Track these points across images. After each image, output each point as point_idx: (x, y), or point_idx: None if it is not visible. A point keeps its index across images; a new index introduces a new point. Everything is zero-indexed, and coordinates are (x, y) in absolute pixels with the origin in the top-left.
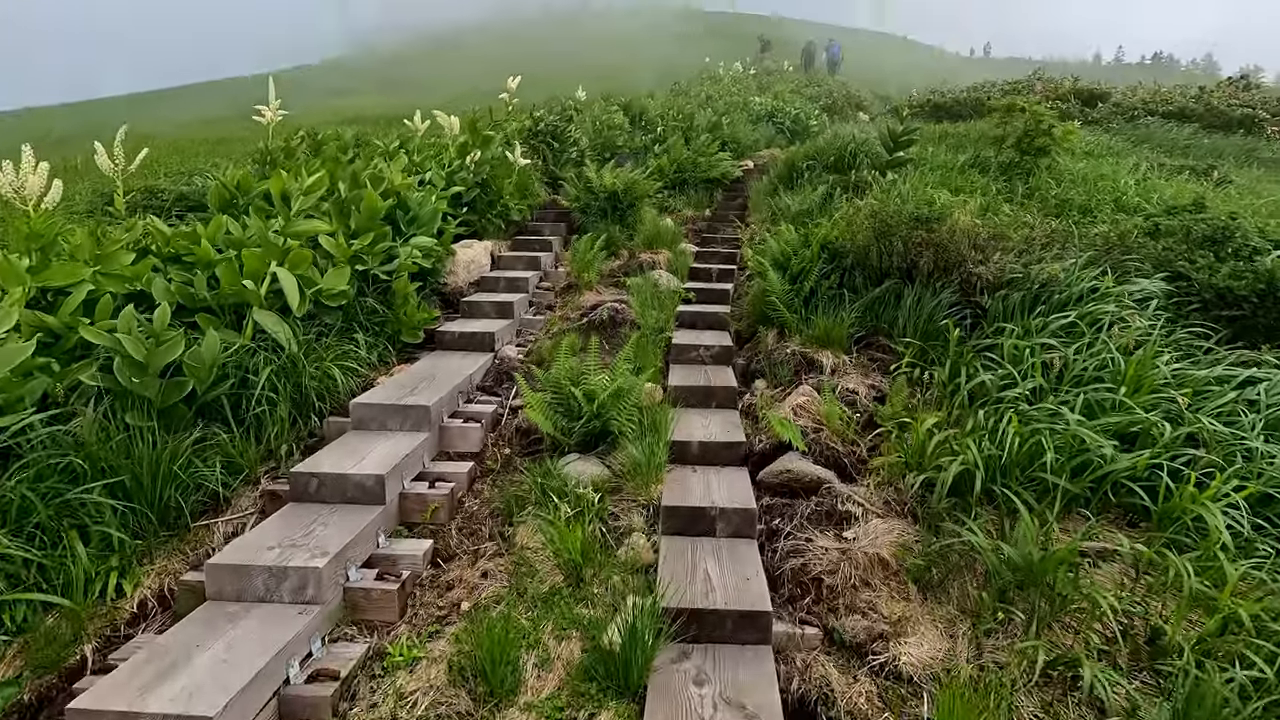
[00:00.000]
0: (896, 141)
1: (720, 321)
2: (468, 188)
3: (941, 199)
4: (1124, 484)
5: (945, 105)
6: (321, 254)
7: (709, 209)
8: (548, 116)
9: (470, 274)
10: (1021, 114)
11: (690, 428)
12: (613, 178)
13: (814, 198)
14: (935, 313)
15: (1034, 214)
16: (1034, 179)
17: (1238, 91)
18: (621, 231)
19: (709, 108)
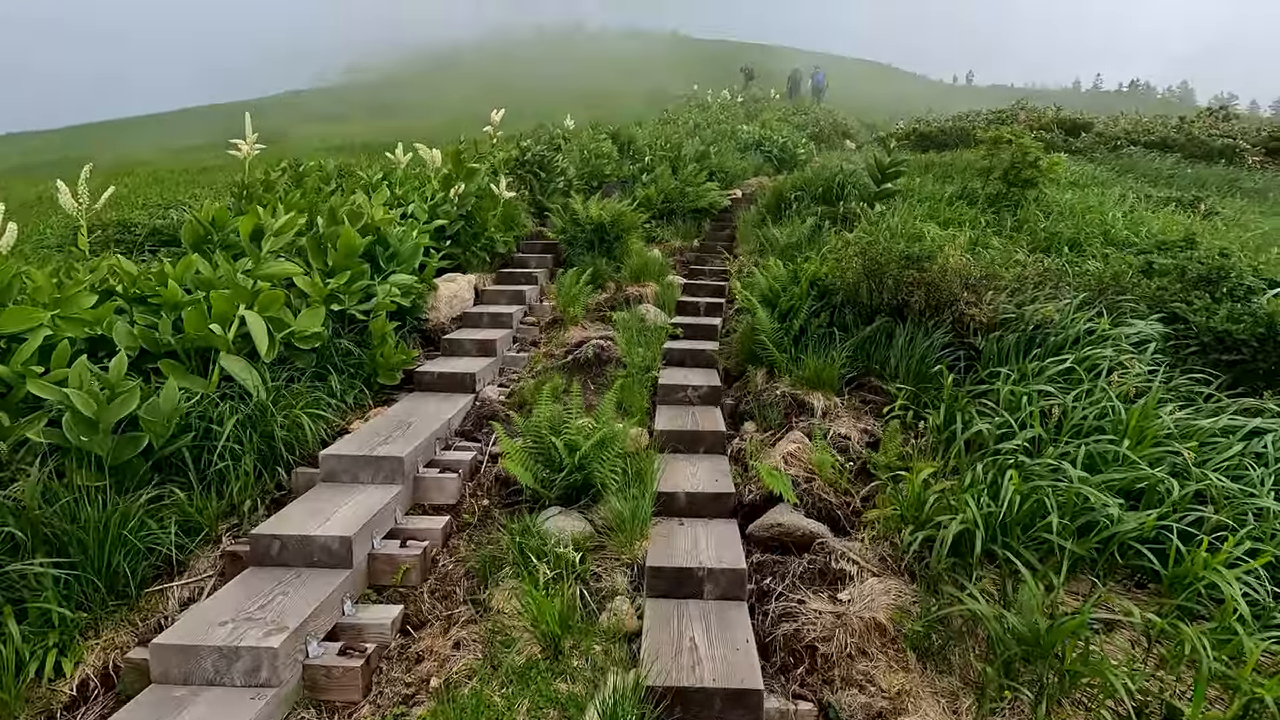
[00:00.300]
0: (884, 173)
1: (708, 359)
2: (451, 220)
3: (930, 232)
4: (1131, 545)
5: (931, 134)
6: (296, 293)
7: (697, 239)
8: (534, 146)
9: (453, 309)
10: (1008, 146)
11: (677, 476)
12: (599, 210)
13: (802, 230)
14: (928, 354)
15: (1023, 247)
16: (1022, 211)
17: (1217, 122)
18: (608, 264)
19: (697, 136)
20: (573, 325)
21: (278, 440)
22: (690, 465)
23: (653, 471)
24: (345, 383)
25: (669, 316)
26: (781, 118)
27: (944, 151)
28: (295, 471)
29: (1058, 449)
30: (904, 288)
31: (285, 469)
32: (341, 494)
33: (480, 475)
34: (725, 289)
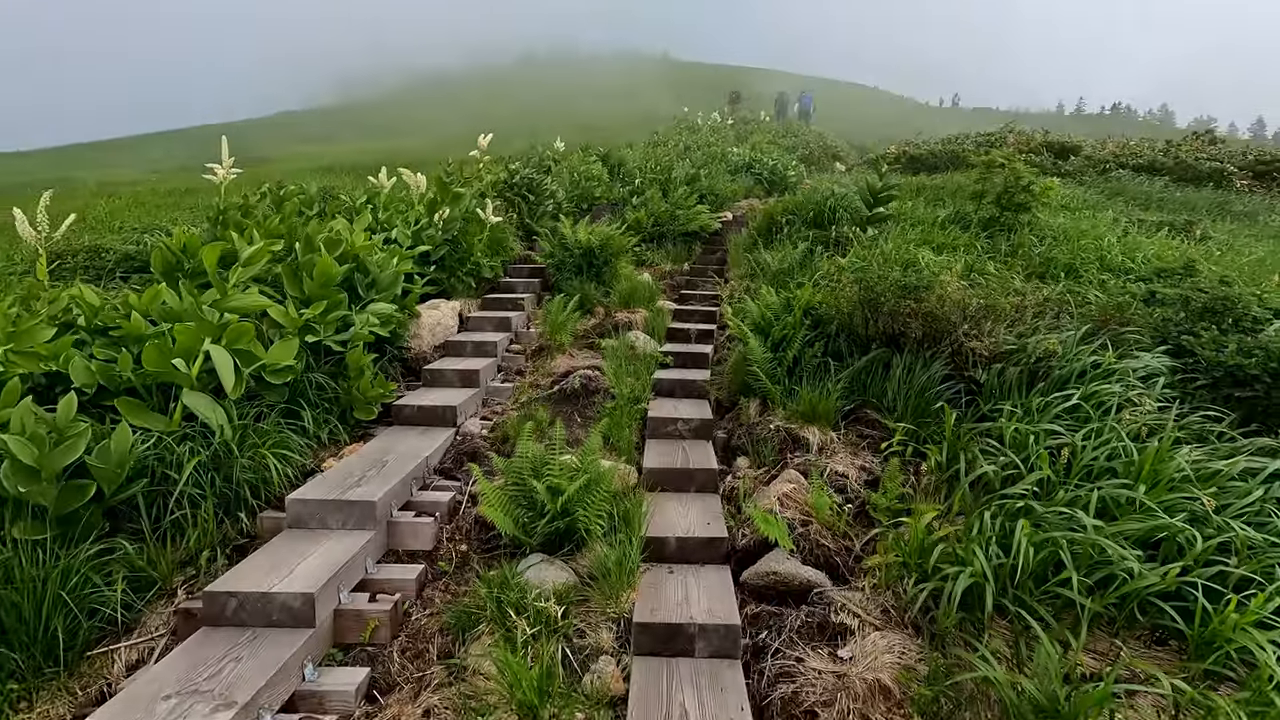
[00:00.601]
0: (876, 197)
1: (699, 390)
2: (436, 246)
3: (924, 258)
4: (1152, 602)
5: (921, 157)
6: (269, 323)
7: (687, 263)
8: (523, 169)
9: (435, 337)
10: (1001, 170)
11: (667, 518)
12: (588, 234)
13: (794, 255)
14: (927, 386)
15: (1018, 273)
16: (1016, 236)
17: (1204, 145)
18: (597, 289)
19: (687, 159)
20: (560, 353)
21: (242, 483)
22: (681, 506)
23: (641, 515)
24: (319, 418)
25: (659, 344)
26: (771, 140)
27: (934, 174)
28: (261, 516)
29: (1068, 493)
30: (901, 318)
31: (251, 515)
32: (308, 542)
33: (459, 517)
34: (716, 314)
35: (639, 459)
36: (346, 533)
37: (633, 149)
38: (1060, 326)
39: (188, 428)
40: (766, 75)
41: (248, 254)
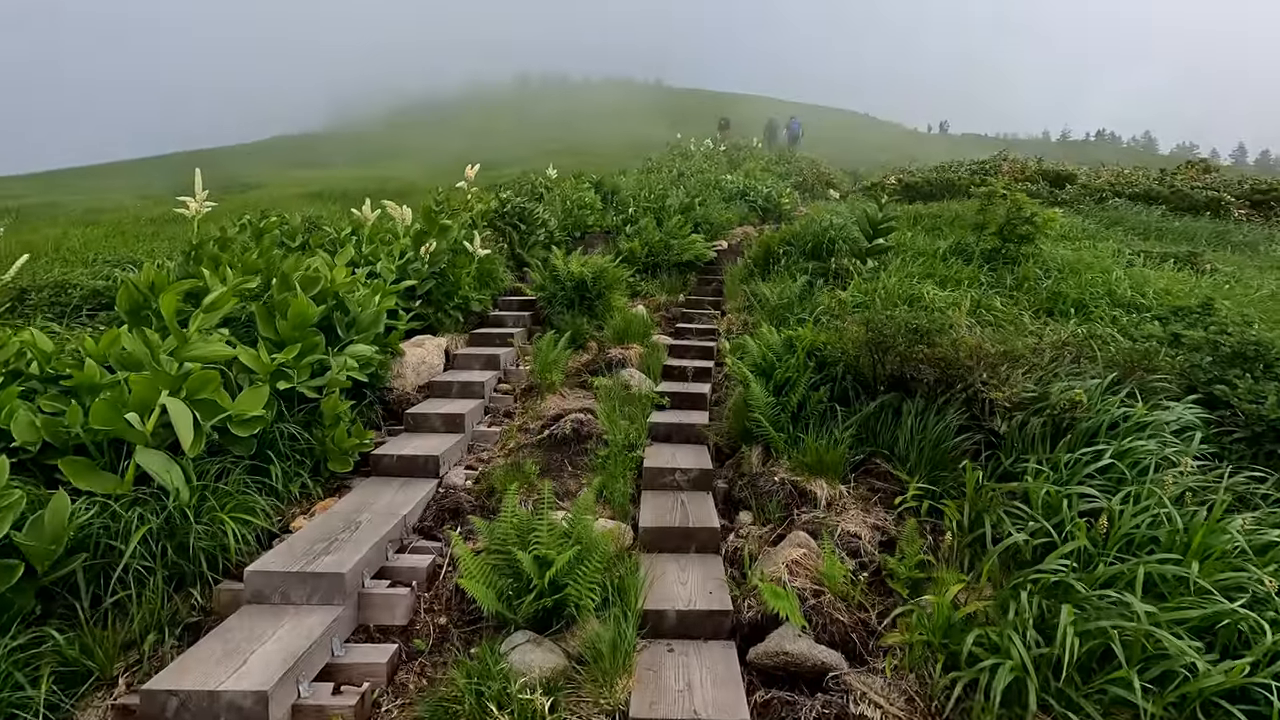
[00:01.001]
0: (876, 228)
1: (697, 435)
2: (422, 280)
3: (929, 293)
4: (1218, 703)
5: (917, 185)
6: (240, 369)
7: (683, 294)
8: (514, 198)
9: (420, 376)
10: (1003, 200)
11: (666, 587)
12: (580, 266)
13: (794, 289)
14: (941, 437)
15: (1026, 308)
16: (1021, 268)
17: (1199, 174)
18: (590, 323)
19: (681, 186)
20: (550, 393)
21: (198, 552)
22: (680, 570)
23: (637, 585)
24: (290, 471)
25: (654, 383)
26: (765, 167)
27: (930, 202)
28: (218, 589)
29: (1109, 567)
30: (912, 363)
31: (207, 586)
32: (268, 621)
33: (439, 584)
34: (714, 350)
35: (635, 514)
36: (312, 609)
37: (626, 175)
38: (1082, 372)
39: (141, 490)
40: (758, 102)
41: (211, 298)
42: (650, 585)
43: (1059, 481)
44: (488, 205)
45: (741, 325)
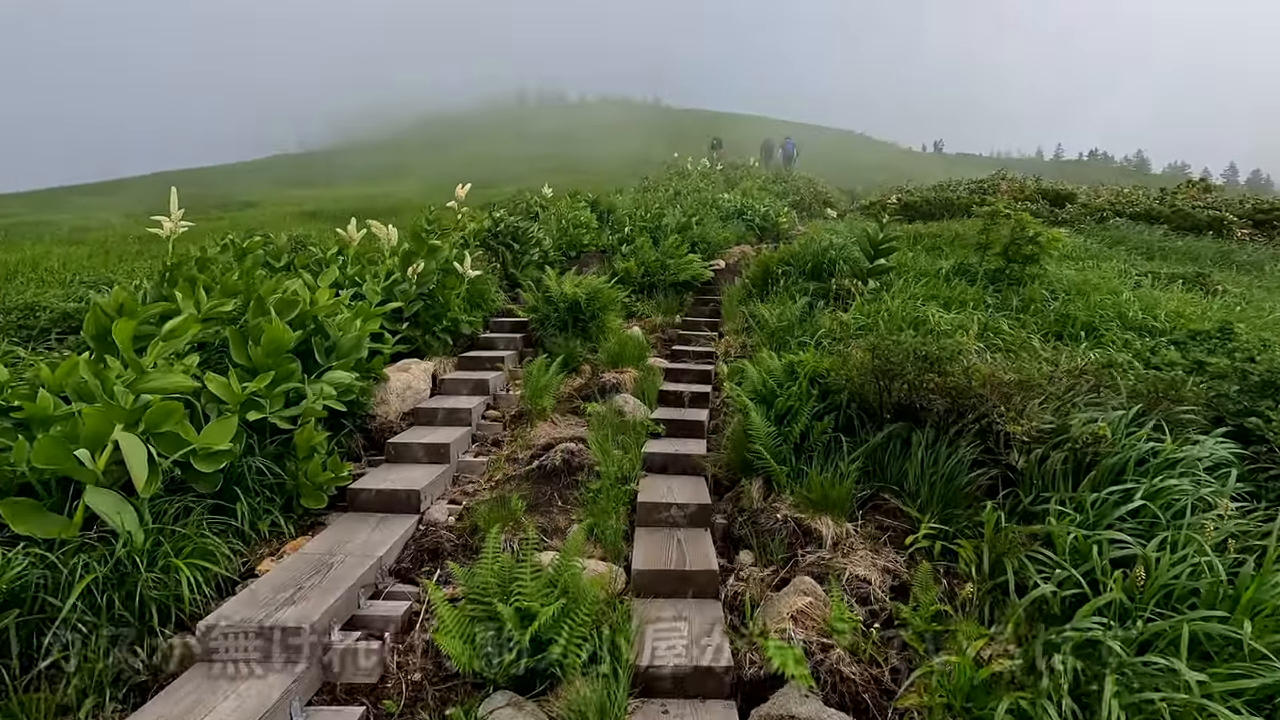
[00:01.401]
0: (877, 249)
1: (695, 466)
2: (409, 301)
3: (934, 315)
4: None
5: (916, 204)
6: (209, 398)
7: (679, 314)
8: (508, 216)
9: (405, 403)
10: (1006, 220)
11: (661, 639)
12: (574, 287)
13: (793, 310)
14: (954, 472)
15: (1032, 330)
16: (1026, 289)
17: (1199, 193)
18: (583, 345)
19: (678, 205)
20: (541, 420)
21: (149, 602)
22: (676, 618)
23: (629, 637)
24: (259, 507)
25: (649, 410)
26: (762, 186)
27: (930, 222)
28: (170, 643)
29: (1148, 625)
30: (922, 392)
31: (160, 637)
32: (221, 683)
33: (414, 635)
34: (711, 374)
35: (627, 553)
36: (271, 667)
37: (623, 194)
38: (1102, 402)
39: (90, 534)
40: (755, 122)
41: (170, 325)
42: (643, 637)
43: (1086, 524)
44: (481, 224)
45: (740, 348)
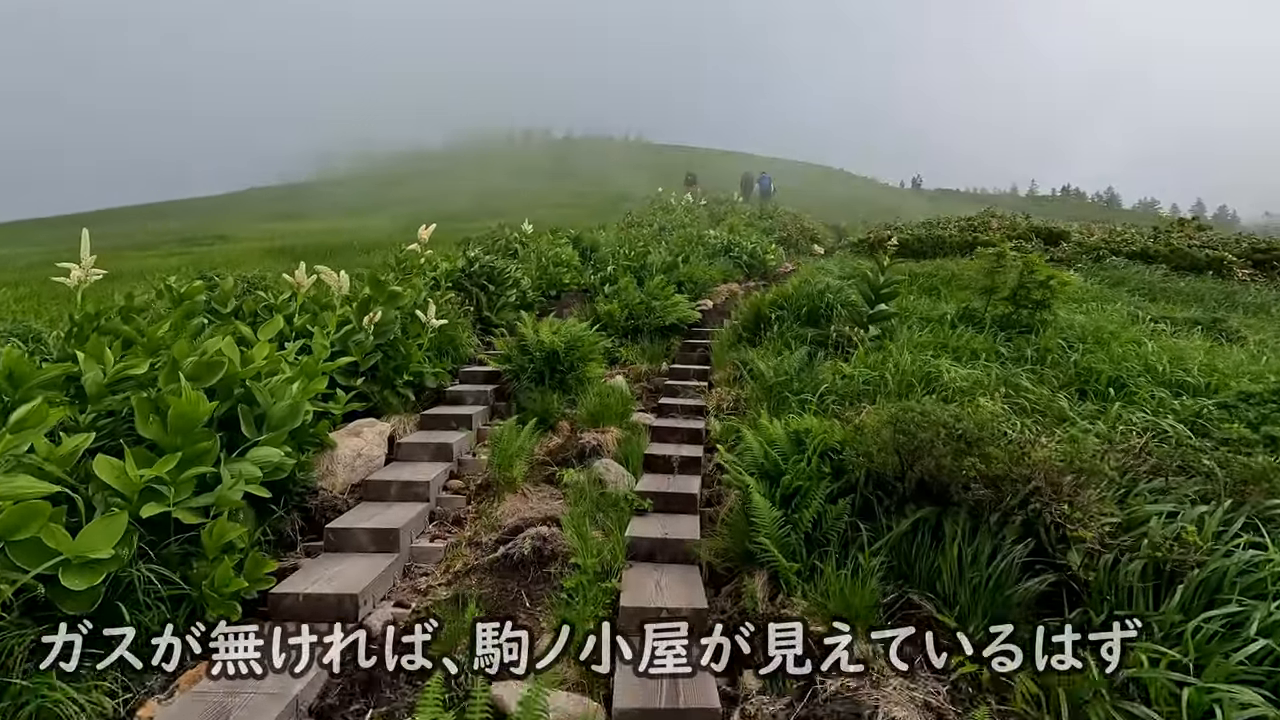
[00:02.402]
0: (878, 293)
1: (686, 553)
2: (366, 354)
3: (946, 370)
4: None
5: (906, 242)
6: (97, 485)
7: (665, 361)
8: (483, 255)
9: (355, 473)
10: (1013, 260)
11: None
12: (551, 335)
13: (791, 362)
14: (1002, 578)
15: (1053, 385)
16: (1040, 338)
17: (1193, 232)
18: (562, 398)
19: (663, 241)
20: (510, 492)
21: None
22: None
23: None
24: (153, 623)
25: (634, 478)
26: (748, 222)
27: (922, 260)
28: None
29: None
30: (956, 477)
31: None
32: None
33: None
34: (702, 432)
35: (609, 682)
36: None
37: (606, 230)
38: (1170, 490)
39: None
40: (737, 157)
41: (19, 414)
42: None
43: (1184, 665)
44: (454, 264)
45: (733, 401)
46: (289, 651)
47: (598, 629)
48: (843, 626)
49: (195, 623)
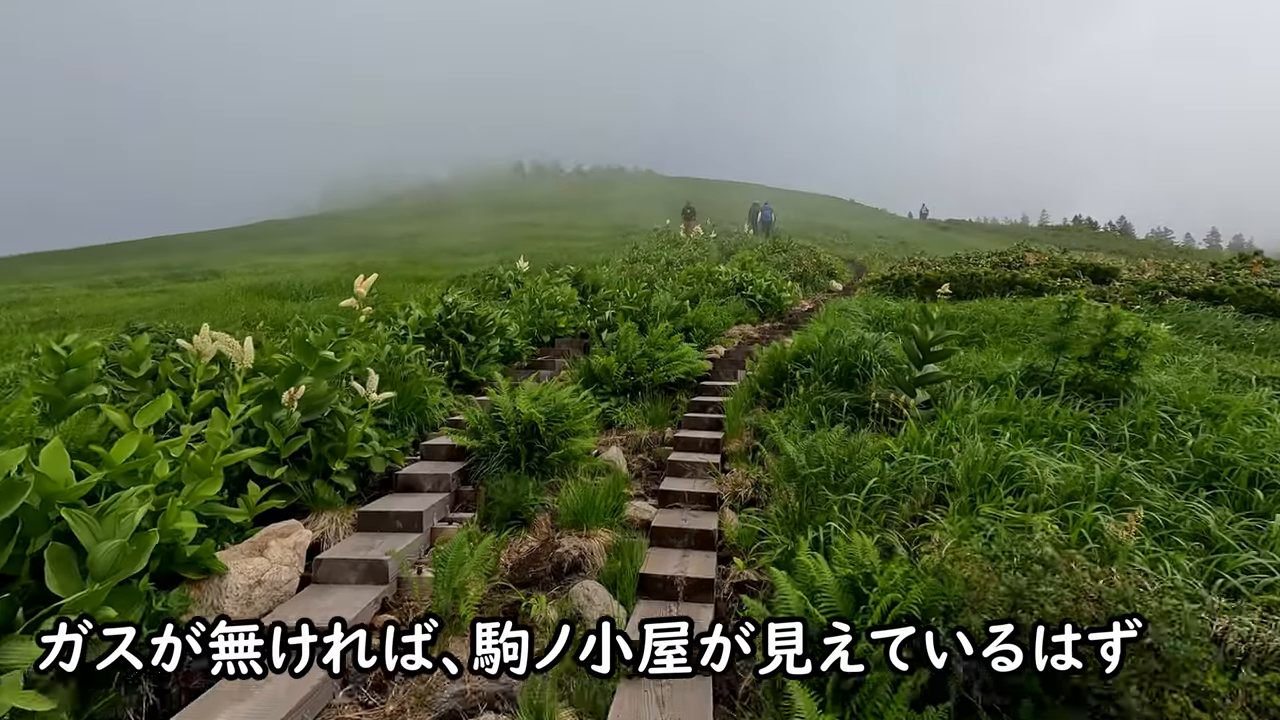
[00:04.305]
0: (926, 351)
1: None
2: (289, 437)
3: (1030, 459)
4: None
5: (935, 280)
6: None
7: (669, 426)
8: (463, 301)
9: (251, 607)
10: (1089, 309)
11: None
12: (529, 404)
13: (827, 445)
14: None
15: (1166, 479)
16: (1134, 408)
17: (1260, 268)
18: (540, 484)
19: (670, 277)
20: (456, 636)
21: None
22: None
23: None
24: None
25: (625, 609)
26: (761, 257)
27: (957, 301)
28: None
29: None
30: None
31: None
32: None
33: None
34: (715, 534)
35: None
36: None
37: (610, 265)
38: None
39: None
40: (748, 189)
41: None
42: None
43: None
44: (429, 311)
45: (751, 487)
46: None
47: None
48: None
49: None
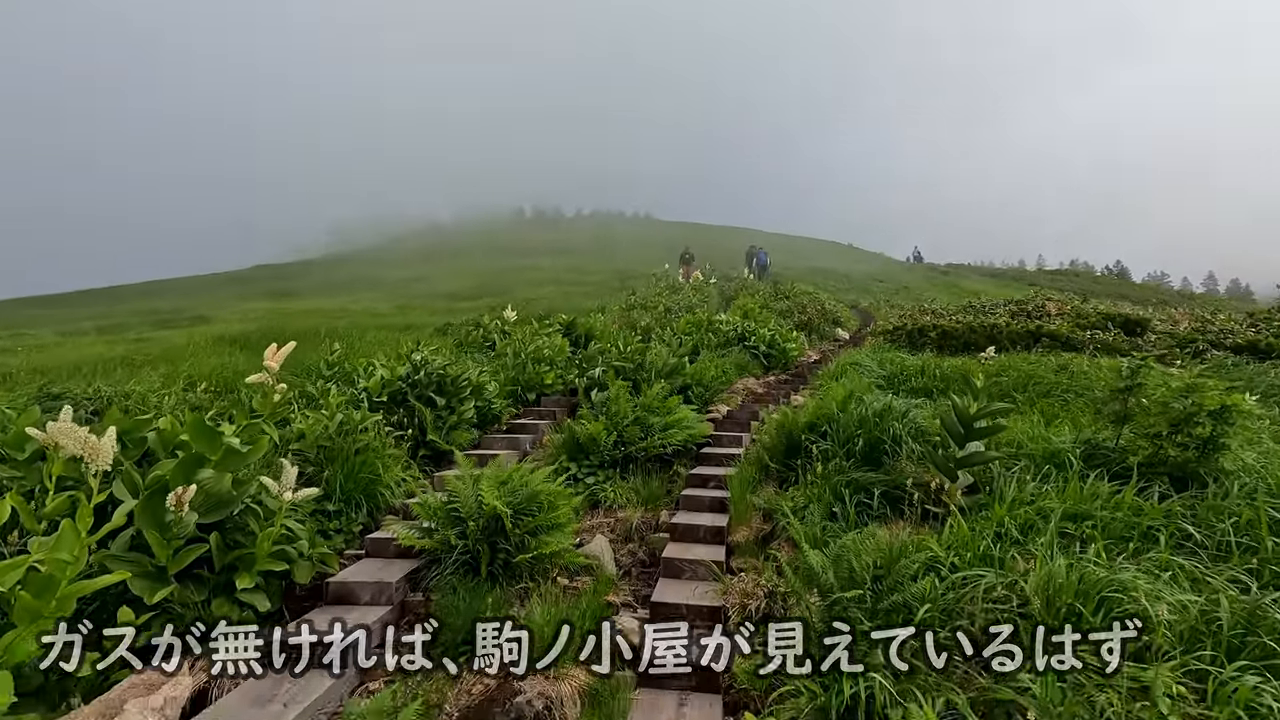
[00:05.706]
0: (970, 427)
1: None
2: (177, 549)
3: (1133, 583)
4: None
5: (954, 331)
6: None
7: (664, 506)
8: (433, 359)
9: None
10: (1159, 374)
11: None
12: (495, 493)
13: (860, 552)
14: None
15: None
16: (1231, 501)
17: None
18: (502, 597)
19: (669, 325)
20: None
21: None
22: None
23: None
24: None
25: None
26: (764, 304)
27: (977, 354)
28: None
29: None
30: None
31: None
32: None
33: None
34: (719, 678)
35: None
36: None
37: (606, 313)
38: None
39: None
40: (746, 234)
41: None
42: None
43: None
44: (394, 371)
45: (764, 597)
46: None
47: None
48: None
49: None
